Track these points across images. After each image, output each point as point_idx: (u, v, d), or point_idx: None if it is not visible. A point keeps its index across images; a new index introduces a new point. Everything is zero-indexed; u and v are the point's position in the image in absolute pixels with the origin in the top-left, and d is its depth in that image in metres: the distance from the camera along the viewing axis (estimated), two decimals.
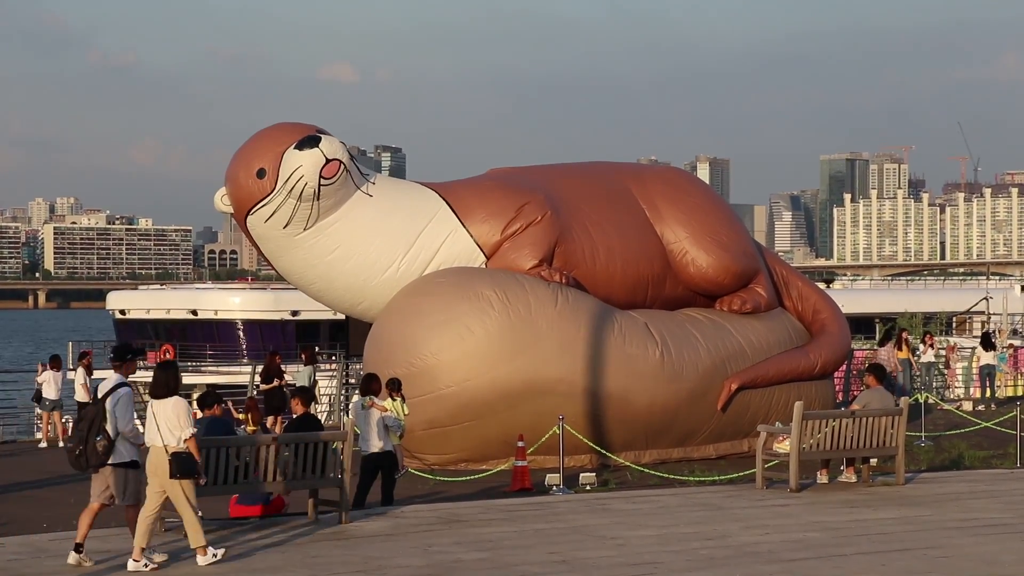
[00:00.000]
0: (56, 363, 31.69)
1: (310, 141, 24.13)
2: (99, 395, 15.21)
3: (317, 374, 31.41)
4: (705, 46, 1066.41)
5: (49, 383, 31.05)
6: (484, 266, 25.32)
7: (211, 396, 18.97)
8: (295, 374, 31.06)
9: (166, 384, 15.31)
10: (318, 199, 24.19)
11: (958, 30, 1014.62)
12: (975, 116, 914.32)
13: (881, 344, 37.89)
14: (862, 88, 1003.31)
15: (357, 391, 21.76)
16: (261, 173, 24.24)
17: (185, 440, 15.11)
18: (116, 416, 15.01)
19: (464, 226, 25.27)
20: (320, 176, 24.01)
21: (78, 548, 15.08)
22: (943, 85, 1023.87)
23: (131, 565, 14.81)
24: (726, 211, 28.10)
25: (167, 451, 15.09)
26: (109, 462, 15.03)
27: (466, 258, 25.28)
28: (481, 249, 25.34)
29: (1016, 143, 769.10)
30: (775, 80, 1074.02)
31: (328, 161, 24.05)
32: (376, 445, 19.54)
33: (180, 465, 15.05)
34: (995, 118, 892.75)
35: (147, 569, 14.78)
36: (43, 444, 30.44)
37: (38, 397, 31.54)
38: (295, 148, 24.10)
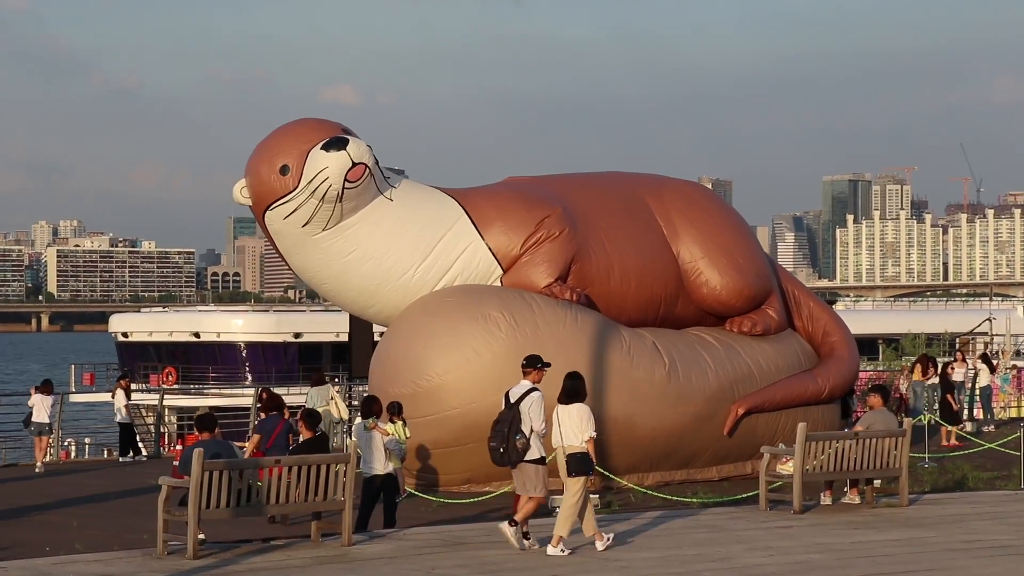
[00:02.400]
0: (46, 388, 31.67)
1: (337, 143, 23.76)
2: (512, 400, 17.03)
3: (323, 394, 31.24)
4: (707, 68, 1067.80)
5: (38, 407, 31.05)
6: (500, 279, 25.17)
7: (209, 419, 18.92)
8: (308, 396, 31.04)
9: (574, 391, 17.08)
10: (340, 201, 23.90)
11: (955, 52, 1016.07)
12: (977, 137, 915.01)
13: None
14: (863, 109, 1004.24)
15: (359, 414, 21.68)
16: (284, 170, 23.85)
17: (585, 441, 16.83)
18: (531, 417, 16.82)
19: (482, 238, 25.04)
20: (345, 179, 23.74)
21: (526, 534, 17.18)
22: (945, 106, 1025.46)
23: (550, 550, 16.73)
24: (743, 230, 27.83)
25: (565, 451, 16.85)
26: (527, 458, 16.90)
27: (483, 270, 25.14)
28: (499, 262, 25.15)
29: (1019, 164, 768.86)
30: (777, 101, 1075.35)
31: (354, 164, 23.77)
32: (378, 468, 19.53)
33: (576, 464, 16.87)
34: (998, 139, 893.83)
35: (565, 554, 16.64)
36: (39, 468, 30.28)
37: (28, 421, 31.50)
38: (322, 148, 23.74)
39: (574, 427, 16.90)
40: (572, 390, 17.13)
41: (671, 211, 26.79)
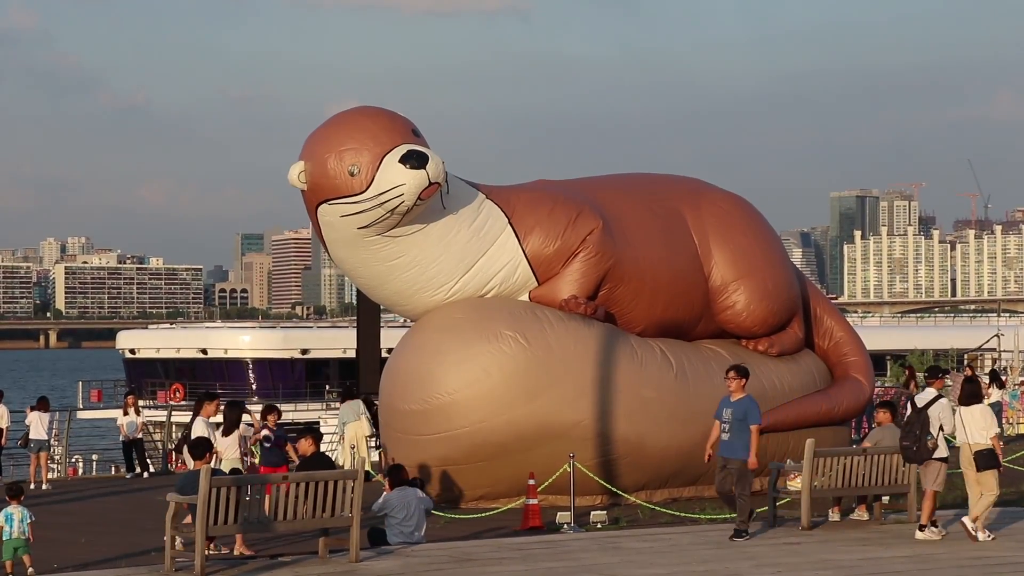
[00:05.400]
0: (42, 405, 31.69)
1: (418, 158, 23.07)
2: (919, 406, 19.24)
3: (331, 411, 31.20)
4: (713, 84, 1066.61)
5: (35, 424, 31.05)
6: (529, 294, 25.01)
7: (203, 446, 18.66)
8: (340, 410, 30.94)
9: (974, 394, 19.19)
10: (407, 213, 23.54)
11: (954, 69, 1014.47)
12: (982, 153, 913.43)
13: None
14: (867, 125, 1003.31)
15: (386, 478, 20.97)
16: (353, 170, 23.16)
17: (990, 439, 18.92)
18: (940, 419, 19.07)
19: (524, 253, 24.74)
20: (418, 196, 23.24)
21: (922, 528, 19.32)
22: (946, 123, 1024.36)
23: (981, 537, 18.99)
24: (776, 250, 27.52)
25: (971, 449, 18.90)
26: (934, 456, 19.15)
27: (520, 284, 24.91)
28: (536, 278, 24.95)
29: None
30: (783, 117, 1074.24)
31: (430, 184, 23.24)
32: (401, 535, 19.31)
33: (985, 460, 18.95)
34: (1003, 155, 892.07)
35: (991, 539, 19.01)
36: (45, 486, 30.25)
37: (27, 440, 31.43)
38: (400, 161, 23.07)
39: (978, 426, 18.90)
40: (972, 393, 19.17)
41: (707, 227, 26.51)
